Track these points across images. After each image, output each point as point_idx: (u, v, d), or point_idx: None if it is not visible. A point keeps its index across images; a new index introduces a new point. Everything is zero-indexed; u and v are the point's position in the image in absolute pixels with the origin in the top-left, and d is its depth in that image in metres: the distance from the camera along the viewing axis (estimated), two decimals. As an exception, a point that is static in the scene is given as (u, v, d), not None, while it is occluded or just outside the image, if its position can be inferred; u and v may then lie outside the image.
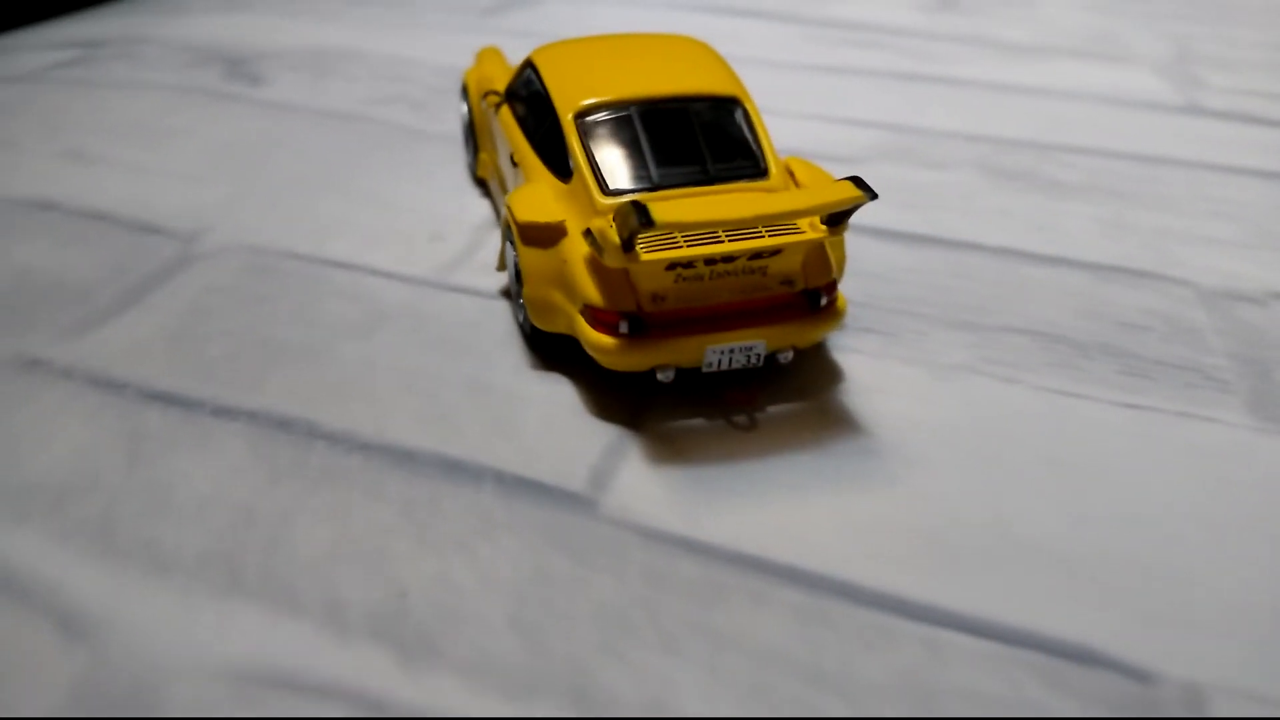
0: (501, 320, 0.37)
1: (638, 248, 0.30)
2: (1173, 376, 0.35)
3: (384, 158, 0.50)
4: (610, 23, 0.71)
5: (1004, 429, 0.32)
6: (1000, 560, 0.27)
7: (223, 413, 0.32)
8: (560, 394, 0.33)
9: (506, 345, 0.36)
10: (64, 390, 0.33)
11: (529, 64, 0.39)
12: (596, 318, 0.31)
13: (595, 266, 0.32)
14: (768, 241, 0.30)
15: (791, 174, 0.36)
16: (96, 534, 0.28)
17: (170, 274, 0.40)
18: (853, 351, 0.36)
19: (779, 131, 0.53)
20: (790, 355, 0.33)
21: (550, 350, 0.35)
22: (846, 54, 0.65)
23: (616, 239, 0.29)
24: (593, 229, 0.30)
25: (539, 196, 0.34)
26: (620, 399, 0.33)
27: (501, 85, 0.43)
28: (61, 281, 0.39)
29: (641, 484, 0.30)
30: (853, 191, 0.29)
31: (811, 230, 0.31)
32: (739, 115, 0.36)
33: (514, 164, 0.38)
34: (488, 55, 0.48)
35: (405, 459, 0.31)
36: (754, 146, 0.35)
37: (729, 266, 0.31)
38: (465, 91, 0.47)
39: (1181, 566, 0.27)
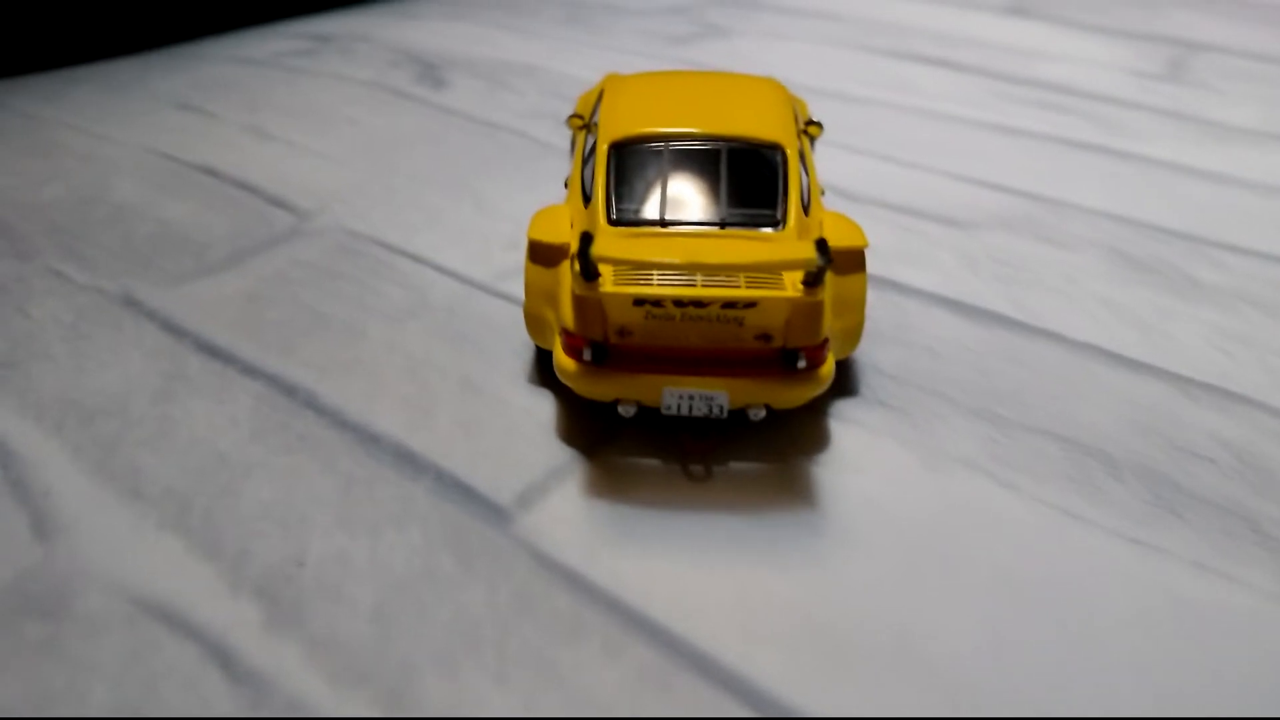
0: (524, 331, 0.38)
1: (606, 279, 0.30)
2: (1210, 520, 0.30)
3: (508, 167, 0.53)
4: (789, 59, 0.70)
5: (970, 536, 0.29)
6: (884, 671, 0.25)
7: (250, 370, 0.36)
8: (538, 408, 0.34)
9: (516, 354, 0.37)
10: (141, 329, 0.38)
11: (601, 91, 0.40)
12: (566, 340, 0.32)
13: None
14: (741, 293, 0.30)
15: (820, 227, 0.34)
16: (101, 453, 0.32)
17: (276, 244, 0.45)
18: (852, 422, 0.34)
19: (899, 184, 0.51)
20: (762, 413, 0.32)
21: (552, 367, 0.36)
22: (1025, 114, 0.61)
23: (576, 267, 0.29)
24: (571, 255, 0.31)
25: (556, 218, 0.35)
26: (589, 425, 0.33)
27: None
28: (189, 237, 0.45)
29: (564, 511, 0.30)
30: (805, 254, 0.28)
31: (791, 288, 0.30)
32: (776, 163, 0.35)
33: (565, 186, 0.39)
34: (611, 79, 0.49)
35: (370, 441, 0.33)
36: (779, 196, 0.34)
37: (701, 312, 0.31)
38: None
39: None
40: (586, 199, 0.35)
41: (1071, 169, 0.54)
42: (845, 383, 0.36)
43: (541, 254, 0.34)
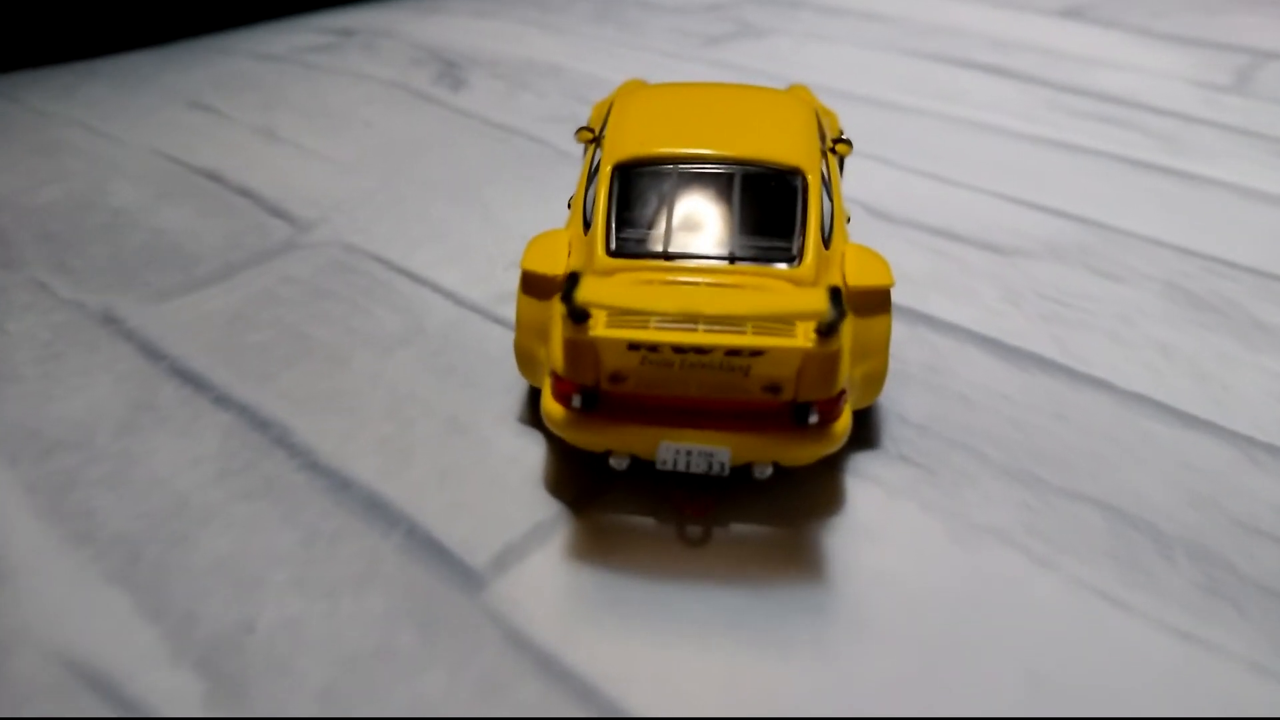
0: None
1: (598, 321, 0.27)
2: (1273, 614, 0.26)
3: (521, 176, 0.50)
4: (828, 62, 0.67)
5: (998, 624, 0.26)
6: (890, 789, 0.22)
7: (222, 400, 0.34)
8: (526, 454, 0.31)
9: (507, 390, 0.34)
10: (116, 351, 0.36)
11: (611, 103, 0.37)
12: (554, 384, 0.29)
13: (572, 331, 0.29)
14: (747, 340, 0.27)
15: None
16: (55, 491, 0.30)
17: (269, 257, 0.42)
18: (870, 480, 0.31)
19: (939, 204, 0.47)
20: (769, 471, 0.28)
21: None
22: (1081, 129, 0.57)
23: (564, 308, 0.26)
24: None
25: (553, 244, 0.32)
26: (579, 475, 0.31)
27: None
28: (181, 247, 0.43)
29: (543, 577, 0.27)
30: (815, 305, 0.25)
31: (803, 336, 0.27)
32: (796, 190, 0.32)
33: (568, 206, 0.36)
34: (626, 88, 0.46)
35: (341, 487, 0.30)
36: (796, 228, 0.31)
37: (703, 359, 0.28)
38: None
39: None
40: (587, 224, 0.32)
41: (1129, 191, 0.50)
42: (865, 433, 0.33)
43: (534, 285, 0.31)
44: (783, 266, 0.30)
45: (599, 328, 0.27)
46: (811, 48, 0.70)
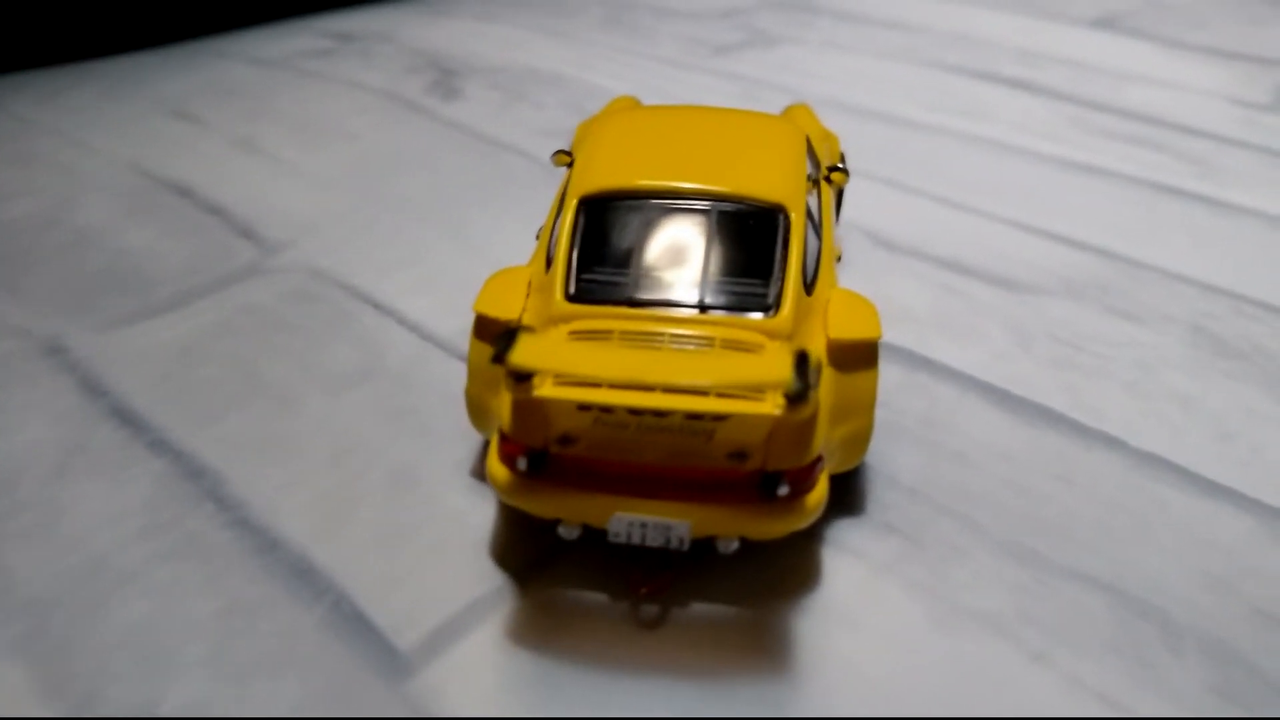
0: (481, 408, 0.33)
1: (547, 380, 0.24)
2: (1298, 725, 0.23)
3: (506, 196, 0.48)
4: (844, 74, 0.63)
5: (981, 730, 0.23)
6: None
7: (159, 444, 0.32)
8: (475, 516, 0.29)
9: (464, 437, 0.32)
10: (56, 385, 0.34)
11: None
12: (501, 444, 0.26)
13: (523, 385, 0.27)
14: (709, 405, 0.24)
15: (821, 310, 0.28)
16: (-32, 546, 0.28)
17: (230, 283, 0.40)
18: (850, 553, 0.28)
19: (950, 233, 0.44)
20: (734, 546, 0.26)
21: (501, 458, 0.31)
22: (1109, 150, 0.53)
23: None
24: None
25: (511, 285, 0.30)
26: (528, 542, 0.28)
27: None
28: (140, 270, 0.41)
29: (478, 662, 0.25)
30: (775, 375, 0.22)
31: (770, 403, 0.24)
32: (776, 230, 0.29)
33: (536, 238, 0.34)
34: (613, 107, 0.44)
35: (269, 548, 0.28)
36: (774, 273, 0.28)
37: (662, 422, 0.25)
38: (580, 143, 0.44)
39: None
40: (551, 261, 0.29)
41: (1157, 221, 0.46)
42: (849, 496, 0.30)
43: (488, 330, 0.29)
44: (758, 316, 0.27)
45: (546, 386, 0.24)
46: (825, 58, 0.67)
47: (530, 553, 0.28)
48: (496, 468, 0.26)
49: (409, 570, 0.27)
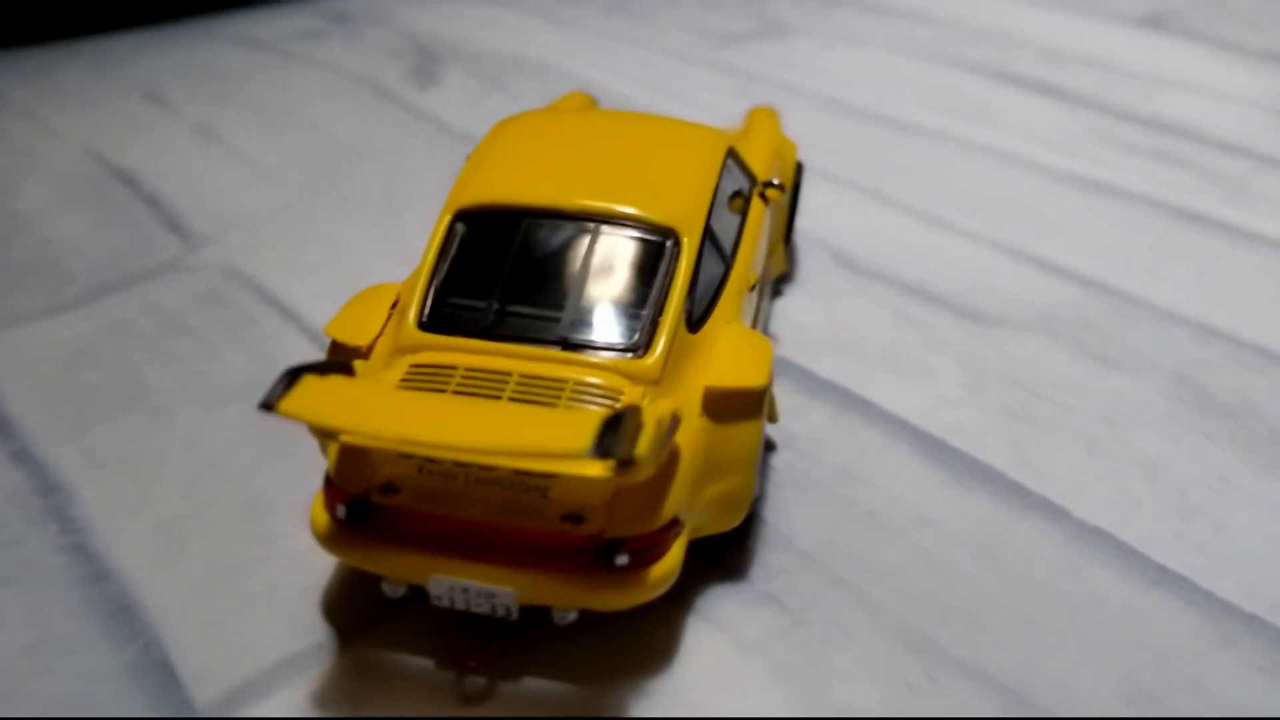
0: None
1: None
2: None
3: (459, 193, 0.45)
4: (851, 71, 0.59)
5: None
6: None
7: (21, 456, 0.30)
8: (317, 559, 0.26)
9: (331, 468, 0.29)
10: (-66, 384, 0.33)
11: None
12: (325, 488, 0.24)
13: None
14: (532, 462, 0.21)
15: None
16: None
17: (142, 280, 0.38)
18: (718, 626, 0.25)
19: (925, 254, 0.40)
20: (571, 617, 0.23)
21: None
22: (1129, 166, 0.48)
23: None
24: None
25: (374, 305, 0.27)
26: (367, 595, 0.25)
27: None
28: (59, 262, 0.40)
29: (270, 731, 0.22)
30: (570, 444, 0.19)
31: (600, 463, 0.21)
32: (661, 257, 0.26)
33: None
34: (565, 102, 0.41)
35: (97, 579, 0.26)
36: (649, 308, 0.25)
37: (490, 475, 0.22)
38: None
39: None
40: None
41: (1165, 250, 0.41)
42: (732, 556, 0.27)
43: (341, 356, 0.26)
44: (625, 357, 0.24)
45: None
46: (835, 52, 0.63)
47: (365, 605, 0.25)
48: (317, 515, 0.24)
49: (230, 615, 0.25)
